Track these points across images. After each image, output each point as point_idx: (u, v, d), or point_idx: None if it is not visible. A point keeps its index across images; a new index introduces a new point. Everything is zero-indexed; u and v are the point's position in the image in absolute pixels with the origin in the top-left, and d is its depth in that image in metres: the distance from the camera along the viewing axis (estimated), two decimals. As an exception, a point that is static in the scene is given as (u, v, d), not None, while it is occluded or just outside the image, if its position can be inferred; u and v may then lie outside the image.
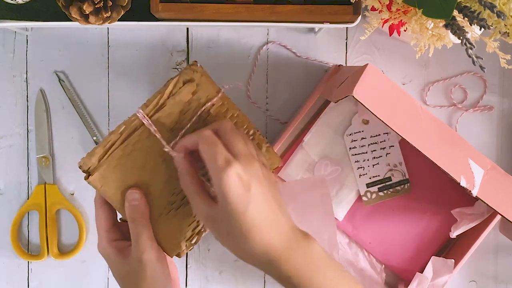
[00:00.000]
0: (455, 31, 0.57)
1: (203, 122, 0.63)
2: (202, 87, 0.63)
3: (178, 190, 0.63)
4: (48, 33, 0.79)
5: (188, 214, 0.64)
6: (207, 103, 0.63)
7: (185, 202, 0.64)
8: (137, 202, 0.63)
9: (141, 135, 0.62)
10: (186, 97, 0.63)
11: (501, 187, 0.67)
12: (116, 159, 0.62)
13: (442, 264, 0.74)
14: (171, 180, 0.63)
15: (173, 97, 0.62)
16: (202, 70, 0.63)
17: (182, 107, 0.63)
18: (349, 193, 0.77)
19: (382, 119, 0.60)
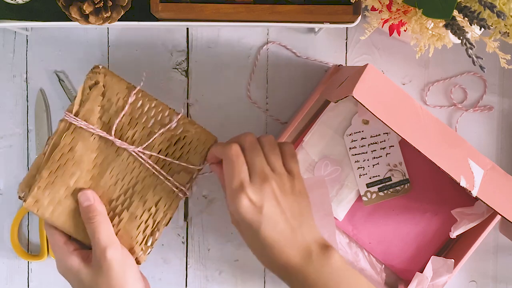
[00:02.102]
0: (455, 31, 0.57)
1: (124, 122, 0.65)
2: (109, 87, 0.65)
3: (117, 195, 0.64)
4: (48, 33, 0.79)
5: (132, 218, 0.64)
6: (118, 102, 0.65)
7: (127, 206, 0.64)
8: (89, 201, 0.63)
9: (64, 148, 0.64)
10: (96, 102, 0.64)
11: (501, 187, 0.67)
12: (45, 179, 0.63)
13: (442, 264, 0.74)
14: (109, 185, 0.64)
15: (83, 104, 0.64)
16: (105, 70, 0.65)
17: (99, 114, 0.65)
18: (349, 193, 0.77)
19: (382, 119, 0.60)
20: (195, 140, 0.66)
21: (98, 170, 0.64)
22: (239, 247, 0.82)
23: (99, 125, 0.65)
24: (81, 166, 0.64)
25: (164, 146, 0.66)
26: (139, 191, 0.65)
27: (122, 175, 0.65)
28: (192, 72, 0.81)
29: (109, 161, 0.65)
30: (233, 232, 0.82)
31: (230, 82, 0.81)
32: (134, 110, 0.65)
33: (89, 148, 0.64)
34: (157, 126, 0.66)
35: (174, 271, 0.82)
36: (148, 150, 0.65)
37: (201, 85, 0.81)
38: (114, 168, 0.65)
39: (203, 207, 0.81)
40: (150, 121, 0.66)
